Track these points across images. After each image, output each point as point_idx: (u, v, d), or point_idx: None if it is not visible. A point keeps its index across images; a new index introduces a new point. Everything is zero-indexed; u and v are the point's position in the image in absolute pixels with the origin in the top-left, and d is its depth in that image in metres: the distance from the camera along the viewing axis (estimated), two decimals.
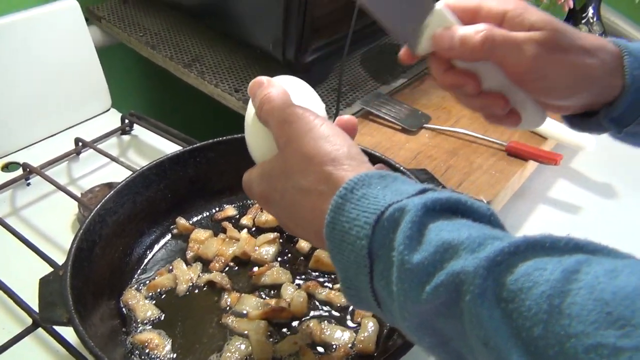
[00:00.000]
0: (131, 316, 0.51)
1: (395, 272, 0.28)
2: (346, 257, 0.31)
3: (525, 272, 0.25)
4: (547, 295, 0.24)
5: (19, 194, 0.73)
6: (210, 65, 0.88)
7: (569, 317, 0.23)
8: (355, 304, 0.33)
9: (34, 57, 0.80)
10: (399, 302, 0.28)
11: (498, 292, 0.25)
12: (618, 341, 0.22)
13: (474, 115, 0.81)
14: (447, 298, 0.27)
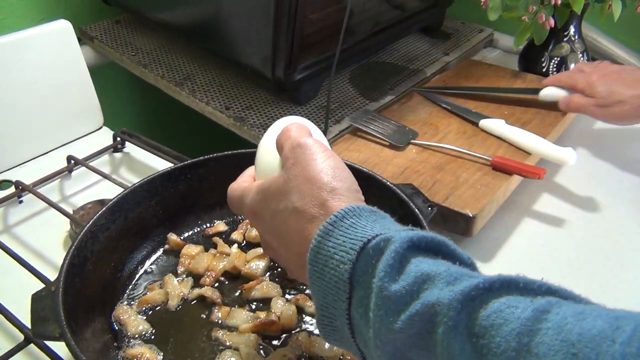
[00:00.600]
0: (122, 331, 0.52)
1: (374, 298, 0.29)
2: (326, 282, 0.32)
3: (497, 308, 0.26)
4: (517, 333, 0.24)
5: (12, 211, 0.74)
6: (201, 83, 0.90)
7: (536, 357, 0.23)
8: (327, 334, 0.34)
9: (27, 77, 0.81)
10: (375, 330, 0.29)
11: (470, 326, 0.26)
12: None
13: (460, 130, 0.82)
14: (421, 328, 0.27)
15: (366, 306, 0.30)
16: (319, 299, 0.33)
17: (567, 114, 0.85)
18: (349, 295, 0.31)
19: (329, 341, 0.34)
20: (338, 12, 0.80)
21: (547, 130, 0.81)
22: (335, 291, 0.31)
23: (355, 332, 0.31)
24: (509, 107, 0.88)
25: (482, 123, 0.82)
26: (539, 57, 0.96)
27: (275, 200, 0.38)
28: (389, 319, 0.28)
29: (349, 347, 0.33)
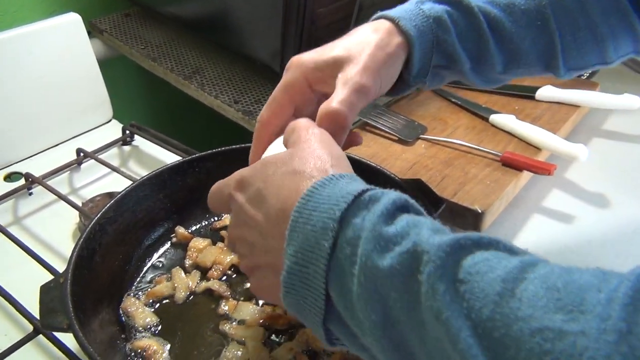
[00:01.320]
0: (130, 323, 0.52)
1: (365, 237, 0.29)
2: (312, 226, 0.31)
3: (485, 257, 0.26)
4: (502, 279, 0.25)
5: (21, 203, 0.74)
6: (210, 77, 0.90)
7: (519, 301, 0.24)
8: (290, 285, 0.32)
9: (37, 70, 0.81)
10: (361, 264, 0.29)
11: (456, 272, 0.26)
12: (564, 325, 0.22)
13: (469, 125, 0.82)
14: (407, 267, 0.27)
15: (354, 246, 0.29)
16: (297, 245, 0.32)
17: (578, 108, 0.85)
18: (335, 235, 0.30)
19: (286, 298, 0.33)
20: (347, 6, 0.80)
21: (557, 126, 0.80)
22: (320, 233, 0.31)
23: (330, 278, 0.30)
24: (519, 102, 0.87)
25: (492, 118, 0.81)
26: None
27: (274, 167, 0.37)
28: (378, 255, 0.28)
29: (311, 301, 0.31)
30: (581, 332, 0.21)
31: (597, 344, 0.21)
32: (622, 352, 0.20)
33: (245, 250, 0.39)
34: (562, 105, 0.85)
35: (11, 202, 0.74)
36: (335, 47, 0.46)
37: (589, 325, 0.22)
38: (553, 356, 0.22)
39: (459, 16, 0.48)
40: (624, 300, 0.22)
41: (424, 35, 0.46)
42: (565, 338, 0.22)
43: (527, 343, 0.22)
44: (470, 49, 0.49)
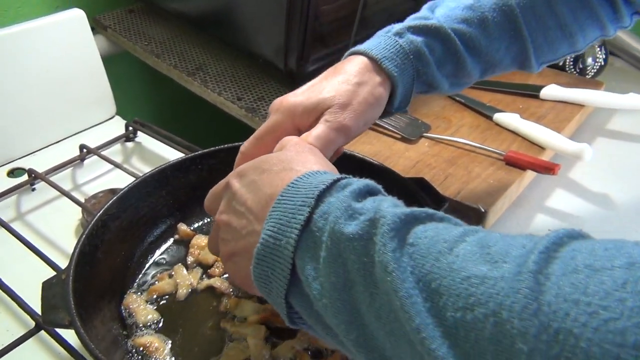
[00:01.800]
0: (131, 320, 0.52)
1: (336, 211, 0.32)
2: (294, 202, 0.34)
3: (435, 227, 0.29)
4: (444, 241, 0.28)
5: (24, 199, 0.75)
6: (213, 73, 0.90)
7: (455, 257, 0.27)
8: (263, 257, 0.34)
9: (41, 65, 0.81)
10: (329, 230, 0.32)
11: (407, 236, 0.29)
12: (488, 273, 0.25)
13: (473, 124, 0.81)
14: (366, 232, 0.30)
15: (326, 219, 0.32)
16: (275, 221, 0.34)
17: (583, 107, 0.84)
18: (310, 211, 0.33)
19: (256, 269, 0.35)
20: (352, 3, 0.80)
21: (562, 125, 0.80)
22: (298, 209, 0.34)
23: (299, 247, 0.33)
24: (523, 101, 0.86)
25: (496, 117, 0.81)
26: None
27: (270, 163, 0.40)
28: (345, 222, 0.31)
29: (278, 271, 0.34)
30: (500, 277, 0.25)
31: (511, 283, 0.24)
32: (530, 287, 0.23)
33: (229, 235, 0.40)
34: (567, 104, 0.85)
35: (14, 198, 0.74)
36: (323, 89, 0.48)
37: (508, 271, 0.25)
38: (475, 298, 0.25)
39: (436, 44, 0.50)
40: (539, 250, 0.24)
41: (405, 73, 0.50)
42: (486, 282, 0.25)
43: (456, 290, 0.25)
44: (448, 72, 0.52)
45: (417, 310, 0.26)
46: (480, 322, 0.24)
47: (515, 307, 0.23)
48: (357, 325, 0.30)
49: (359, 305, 0.30)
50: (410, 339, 0.27)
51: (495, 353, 0.23)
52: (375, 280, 0.29)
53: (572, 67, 0.94)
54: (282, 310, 0.35)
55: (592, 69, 0.94)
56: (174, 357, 0.49)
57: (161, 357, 0.49)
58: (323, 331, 0.33)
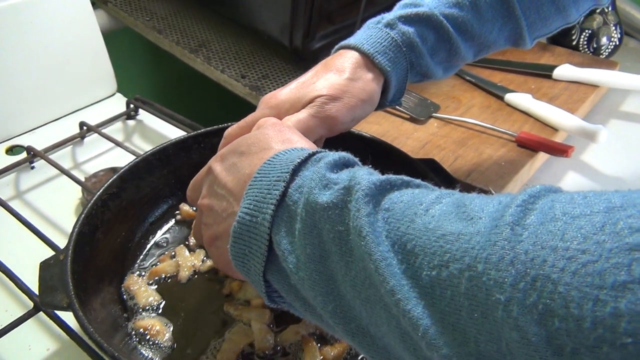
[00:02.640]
0: (132, 302, 0.51)
1: (309, 178, 0.32)
2: (270, 178, 0.34)
3: (410, 192, 0.29)
4: (420, 203, 0.27)
5: (23, 177, 0.73)
6: (216, 50, 0.87)
7: (431, 217, 0.26)
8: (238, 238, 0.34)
9: (40, 41, 0.79)
10: (304, 201, 0.31)
11: (382, 201, 0.28)
12: (463, 229, 0.25)
13: (484, 104, 0.79)
14: (341, 200, 0.29)
15: (301, 192, 0.32)
16: (251, 199, 0.34)
17: (597, 88, 0.82)
18: (286, 185, 0.33)
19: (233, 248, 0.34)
20: None
21: (575, 106, 0.77)
22: (273, 185, 0.33)
23: (275, 223, 0.32)
24: (536, 81, 0.84)
25: (508, 97, 0.79)
26: (569, 30, 0.92)
27: (248, 144, 0.39)
28: (319, 192, 0.31)
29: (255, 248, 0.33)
30: (476, 232, 0.24)
31: (487, 237, 0.23)
32: (507, 238, 0.23)
33: (211, 219, 0.39)
34: (580, 84, 0.83)
35: (13, 176, 0.73)
36: (313, 85, 0.47)
37: (484, 225, 0.24)
38: (450, 254, 0.24)
39: (428, 33, 0.49)
40: (517, 204, 0.24)
41: (398, 66, 0.49)
42: (462, 238, 0.24)
43: (431, 248, 0.25)
44: (442, 59, 0.52)
45: (392, 272, 0.26)
46: (456, 278, 0.23)
47: (492, 258, 0.22)
48: (334, 297, 0.29)
49: (335, 275, 0.29)
50: (385, 302, 0.26)
51: (470, 308, 0.23)
52: (351, 247, 0.28)
53: (586, 46, 0.91)
54: (261, 288, 0.34)
55: (607, 48, 0.91)
56: (176, 340, 0.48)
57: (162, 340, 0.47)
58: (302, 307, 0.33)
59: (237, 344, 0.47)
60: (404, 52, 0.48)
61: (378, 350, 0.28)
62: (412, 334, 0.25)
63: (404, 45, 0.48)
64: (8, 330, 0.50)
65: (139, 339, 0.47)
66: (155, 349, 0.47)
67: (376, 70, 0.48)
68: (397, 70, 0.49)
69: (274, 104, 0.48)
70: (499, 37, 0.52)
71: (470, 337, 0.23)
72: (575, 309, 0.19)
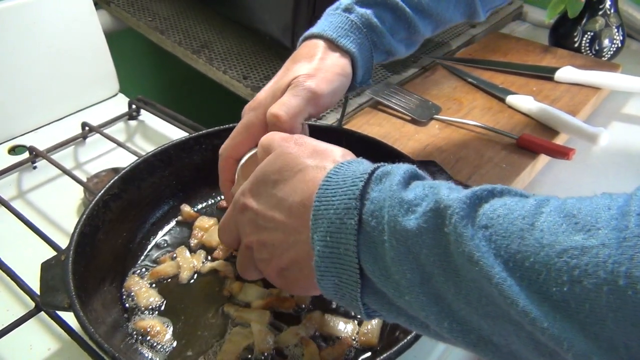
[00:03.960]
0: (133, 303, 0.51)
1: (387, 204, 0.31)
2: (335, 207, 0.33)
3: (502, 203, 0.28)
4: (522, 217, 0.26)
5: (25, 177, 0.73)
6: (219, 51, 0.87)
7: (541, 232, 0.25)
8: (325, 269, 0.33)
9: (43, 41, 0.79)
10: (389, 229, 0.30)
11: (478, 220, 0.28)
12: (585, 242, 0.24)
13: (485, 106, 0.79)
14: (433, 224, 0.29)
15: (378, 217, 0.31)
16: (324, 230, 0.33)
17: (599, 91, 0.82)
18: (359, 212, 0.32)
19: (322, 281, 0.34)
20: None
21: (577, 108, 0.77)
22: (344, 213, 0.32)
23: (361, 251, 0.32)
24: (537, 83, 0.84)
25: (509, 99, 0.79)
26: (572, 32, 0.92)
27: (279, 171, 0.38)
28: (403, 218, 0.30)
29: (346, 278, 0.33)
30: (602, 244, 0.23)
31: (619, 250, 0.23)
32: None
33: (266, 254, 0.39)
34: (582, 87, 0.83)
35: (15, 176, 0.73)
36: (289, 74, 0.48)
37: (608, 237, 0.23)
38: (581, 269, 0.23)
39: (386, 14, 0.52)
40: (636, 211, 0.23)
41: (363, 47, 0.51)
42: (588, 252, 0.23)
43: (556, 264, 0.24)
44: (402, 38, 0.54)
45: (516, 292, 0.25)
46: (593, 292, 0.23)
47: (634, 272, 0.22)
48: (446, 314, 0.29)
49: (443, 294, 0.29)
50: (515, 320, 0.26)
51: (615, 319, 0.22)
52: (456, 269, 0.28)
53: (588, 49, 0.91)
54: (359, 311, 0.34)
55: (609, 51, 0.91)
56: (176, 340, 0.48)
57: (163, 341, 0.47)
58: (407, 322, 0.32)
59: (237, 345, 0.47)
60: (365, 33, 0.51)
61: (503, 355, 0.28)
62: (552, 346, 0.25)
63: (364, 26, 0.51)
64: (9, 330, 0.50)
65: (140, 339, 0.48)
66: (156, 350, 0.47)
67: (342, 51, 0.50)
68: (362, 50, 0.51)
69: (255, 105, 0.49)
70: (455, 13, 0.56)
71: (619, 343, 0.23)
72: None
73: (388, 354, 0.40)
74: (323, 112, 0.49)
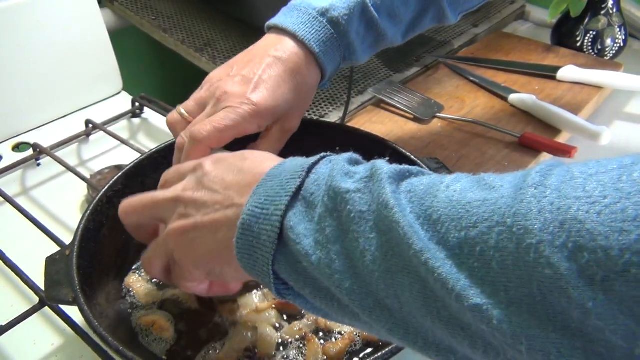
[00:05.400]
0: (134, 299, 0.51)
1: (331, 174, 0.32)
2: (280, 180, 0.34)
3: (428, 177, 0.30)
4: (441, 183, 0.29)
5: (29, 174, 0.74)
6: (222, 50, 0.88)
7: (454, 191, 0.28)
8: (247, 230, 0.33)
9: (46, 39, 0.80)
10: (326, 186, 0.32)
11: (403, 185, 0.30)
12: (487, 195, 0.26)
13: (488, 105, 0.79)
14: (363, 185, 0.31)
15: (319, 184, 0.32)
16: (259, 195, 0.34)
17: (601, 90, 0.82)
18: (302, 180, 0.33)
19: (240, 240, 0.34)
20: None
21: (579, 107, 0.78)
22: (287, 181, 0.33)
23: (289, 212, 0.32)
24: (540, 82, 0.84)
25: (512, 98, 0.79)
26: (574, 31, 0.92)
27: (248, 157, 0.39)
28: (342, 180, 0.31)
29: (264, 238, 0.33)
30: (501, 196, 0.25)
31: (513, 196, 0.25)
32: (532, 195, 0.24)
33: (193, 210, 0.37)
34: (584, 86, 0.83)
35: (19, 173, 0.73)
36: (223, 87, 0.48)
37: (507, 190, 0.25)
38: (478, 217, 0.25)
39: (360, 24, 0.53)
40: (535, 171, 0.25)
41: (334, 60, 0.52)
42: (488, 202, 0.26)
43: (458, 214, 0.26)
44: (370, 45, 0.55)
45: (420, 237, 0.27)
46: (485, 235, 0.25)
47: (520, 211, 0.24)
48: (350, 274, 0.30)
49: (352, 253, 0.30)
50: (410, 267, 0.27)
51: (500, 259, 0.24)
52: (372, 225, 0.29)
53: (590, 48, 0.91)
54: (269, 279, 0.33)
55: (611, 50, 0.91)
56: (178, 338, 0.48)
57: (166, 337, 0.48)
58: (311, 293, 0.32)
59: (239, 345, 0.47)
60: (339, 45, 0.52)
61: (396, 322, 0.29)
62: (439, 291, 0.26)
63: (339, 36, 0.51)
64: (13, 325, 0.50)
65: (143, 334, 0.48)
66: (159, 345, 0.47)
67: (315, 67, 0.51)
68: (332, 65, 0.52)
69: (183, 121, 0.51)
70: (424, 20, 0.57)
71: (500, 287, 0.24)
72: (603, 240, 0.22)
73: (390, 348, 0.40)
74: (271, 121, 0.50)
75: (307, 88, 0.51)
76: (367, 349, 0.47)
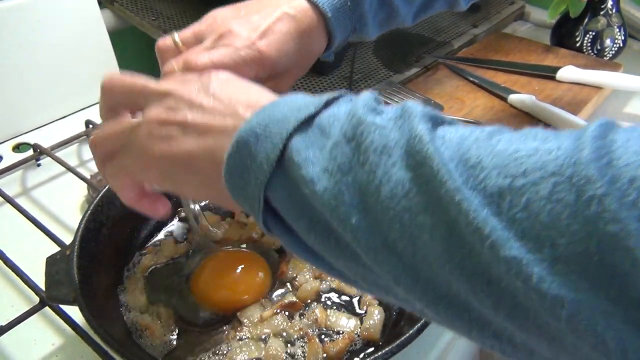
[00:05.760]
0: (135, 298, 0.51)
1: (353, 107, 0.29)
2: (290, 106, 0.30)
3: (464, 127, 0.27)
4: (481, 131, 0.26)
5: (30, 174, 0.74)
6: None
7: (497, 141, 0.24)
8: (244, 146, 0.29)
9: (47, 40, 0.80)
10: (346, 119, 0.28)
11: (438, 130, 0.27)
12: (540, 145, 0.23)
13: (487, 105, 0.80)
14: (393, 123, 0.27)
15: (337, 117, 0.29)
16: (262, 115, 0.30)
17: (600, 90, 0.82)
18: (318, 110, 0.29)
19: (234, 156, 0.30)
20: None
21: (579, 108, 0.78)
22: (299, 109, 0.29)
23: (295, 135, 0.29)
24: (539, 82, 0.84)
25: (511, 98, 0.79)
26: (573, 31, 0.92)
27: None
28: (366, 112, 0.28)
29: (263, 156, 0.29)
30: (557, 147, 0.22)
31: (573, 147, 0.22)
32: (596, 147, 0.21)
33: (184, 107, 0.33)
34: (584, 86, 0.83)
35: (19, 173, 0.73)
36: None
37: (564, 142, 0.23)
38: (528, 166, 0.22)
39: None
40: (597, 124, 0.23)
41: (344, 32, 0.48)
42: (540, 152, 0.23)
43: (502, 162, 0.23)
44: (381, 22, 0.51)
45: (453, 177, 0.23)
46: (536, 185, 0.22)
47: (581, 161, 0.21)
48: (360, 209, 0.26)
49: (366, 186, 0.26)
50: (440, 206, 0.24)
51: (553, 211, 0.21)
52: (399, 159, 0.26)
53: (589, 48, 0.92)
54: (257, 205, 0.29)
55: (611, 50, 0.92)
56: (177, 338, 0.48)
57: (165, 337, 0.48)
58: (306, 226, 0.29)
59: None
60: (351, 15, 0.47)
61: (404, 269, 0.25)
62: (469, 236, 0.23)
63: (353, 5, 0.47)
64: (14, 325, 0.50)
65: (143, 334, 0.48)
66: (159, 345, 0.47)
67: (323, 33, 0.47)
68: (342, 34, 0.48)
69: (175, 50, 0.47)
70: (436, 2, 0.54)
71: (545, 241, 0.21)
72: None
73: (390, 348, 0.40)
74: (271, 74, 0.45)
75: (310, 53, 0.47)
76: (367, 349, 0.47)
